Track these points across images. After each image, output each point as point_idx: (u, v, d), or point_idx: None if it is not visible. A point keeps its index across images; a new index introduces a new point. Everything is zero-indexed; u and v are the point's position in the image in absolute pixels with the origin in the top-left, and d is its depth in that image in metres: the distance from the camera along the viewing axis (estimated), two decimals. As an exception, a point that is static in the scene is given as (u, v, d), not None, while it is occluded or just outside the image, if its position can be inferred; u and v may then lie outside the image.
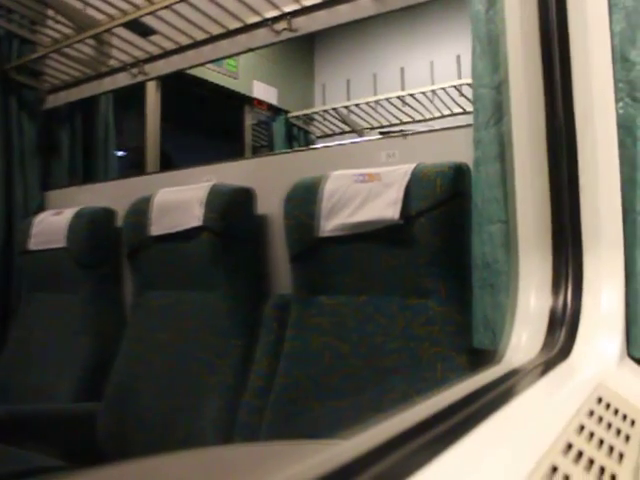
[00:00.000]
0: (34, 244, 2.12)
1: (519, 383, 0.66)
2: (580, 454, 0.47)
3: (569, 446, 0.47)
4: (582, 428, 0.52)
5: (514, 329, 0.90)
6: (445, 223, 1.26)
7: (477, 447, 0.44)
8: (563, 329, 0.86)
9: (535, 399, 0.60)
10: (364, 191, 1.37)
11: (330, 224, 1.40)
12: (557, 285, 0.91)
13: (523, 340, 0.88)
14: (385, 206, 1.32)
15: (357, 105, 3.41)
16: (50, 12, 2.19)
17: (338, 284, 1.42)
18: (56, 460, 1.57)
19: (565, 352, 0.81)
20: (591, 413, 0.57)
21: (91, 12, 2.02)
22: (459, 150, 1.31)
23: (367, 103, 3.37)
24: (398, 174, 1.33)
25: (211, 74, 3.17)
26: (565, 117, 0.92)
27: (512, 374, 0.72)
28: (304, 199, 1.45)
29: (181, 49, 2.12)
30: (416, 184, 1.30)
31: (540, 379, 0.69)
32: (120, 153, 2.93)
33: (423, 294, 1.29)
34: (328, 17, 1.77)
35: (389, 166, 1.38)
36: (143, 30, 2.10)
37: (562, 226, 0.92)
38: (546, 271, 0.92)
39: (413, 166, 1.33)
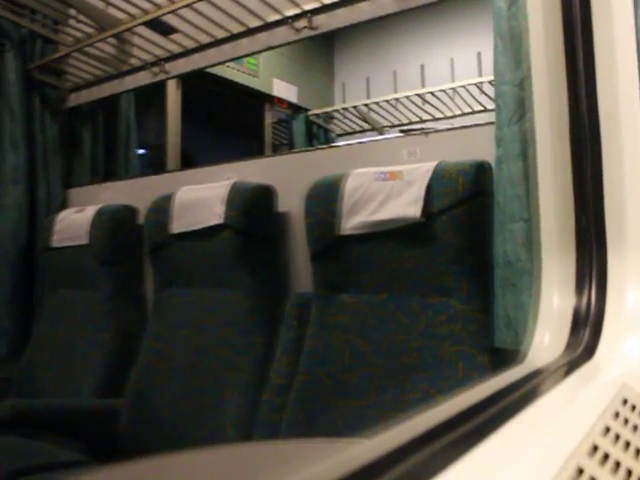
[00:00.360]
0: (57, 241, 2.15)
1: (543, 383, 0.66)
2: (606, 456, 0.46)
3: (595, 448, 0.46)
4: (608, 430, 0.51)
5: (537, 329, 0.89)
6: (467, 221, 1.26)
7: (501, 448, 0.43)
8: (587, 329, 0.85)
9: (559, 400, 0.59)
10: (385, 189, 1.36)
11: (351, 222, 1.40)
12: (581, 284, 0.90)
13: (546, 340, 0.87)
14: (407, 204, 1.31)
15: (377, 103, 3.40)
16: (72, 12, 2.21)
17: (359, 282, 1.41)
18: (78, 454, 1.59)
19: (589, 352, 0.80)
20: (616, 415, 0.56)
21: (113, 11, 2.04)
22: (481, 148, 1.30)
23: (387, 101, 3.36)
24: (420, 172, 1.33)
25: (231, 72, 3.17)
26: (589, 114, 0.91)
27: (535, 374, 0.71)
28: (325, 197, 1.44)
29: (202, 48, 2.12)
30: (438, 182, 1.29)
31: (564, 379, 0.68)
32: (141, 151, 2.95)
33: (444, 292, 1.29)
34: (349, 15, 1.77)
35: (410, 164, 1.37)
36: (164, 29, 2.11)
37: (586, 224, 0.90)
38: (569, 270, 0.91)
39: (435, 164, 1.33)
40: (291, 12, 1.85)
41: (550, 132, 0.94)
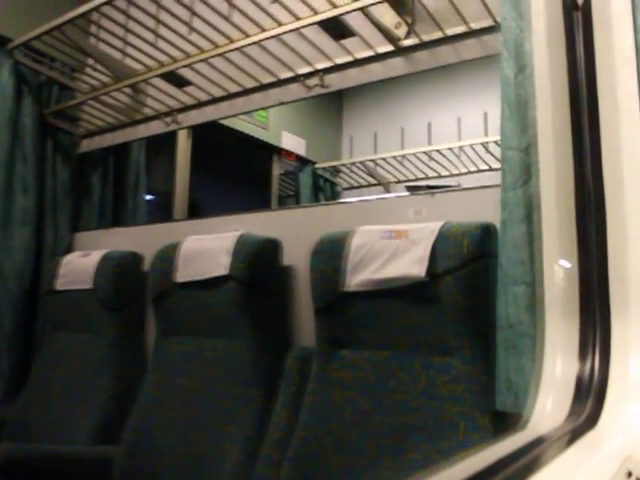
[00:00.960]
0: (61, 284, 2.15)
1: (545, 453, 0.65)
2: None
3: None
4: (612, 504, 0.51)
5: (539, 394, 0.89)
6: (471, 282, 1.26)
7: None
8: (590, 396, 0.85)
9: (564, 470, 0.59)
10: (391, 247, 1.37)
11: (356, 279, 1.40)
12: (584, 350, 0.90)
13: (549, 406, 0.86)
14: (412, 263, 1.32)
15: (384, 159, 3.44)
16: (90, 61, 2.26)
17: (361, 339, 1.41)
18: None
19: (592, 420, 0.80)
20: (621, 488, 0.56)
21: (129, 62, 2.09)
22: (486, 210, 1.31)
23: (394, 157, 3.40)
24: (425, 232, 1.34)
25: (242, 124, 3.23)
26: (594, 181, 0.92)
27: (538, 442, 0.71)
28: (331, 253, 1.45)
29: (214, 100, 2.17)
30: (443, 242, 1.30)
31: (567, 449, 0.68)
32: (149, 197, 2.98)
33: (447, 352, 1.28)
34: (359, 75, 1.81)
35: (416, 223, 1.39)
36: (178, 81, 2.15)
37: (590, 290, 0.91)
38: (573, 335, 0.91)
39: (440, 224, 1.34)
40: (304, 70, 1.90)
41: (555, 197, 0.96)
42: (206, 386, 1.65)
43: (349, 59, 1.81)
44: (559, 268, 0.94)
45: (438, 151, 3.21)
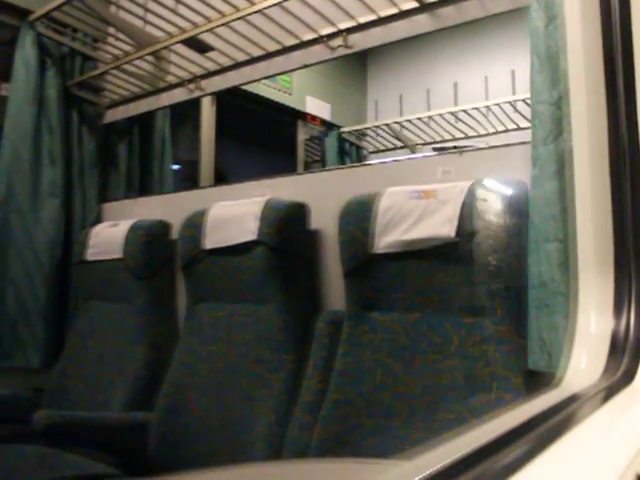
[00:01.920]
0: (91, 254, 2.17)
1: (581, 409, 0.64)
2: (650, 487, 0.45)
3: (639, 478, 0.45)
4: (651, 459, 0.50)
5: (573, 352, 0.87)
6: (501, 241, 1.24)
7: (544, 475, 0.42)
8: (626, 352, 0.83)
9: (599, 427, 0.57)
10: (420, 208, 1.35)
11: (385, 241, 1.39)
12: (619, 306, 0.88)
13: (583, 364, 0.85)
14: (441, 223, 1.30)
15: (410, 121, 3.39)
16: (111, 30, 2.25)
17: (391, 301, 1.40)
18: (108, 467, 1.59)
19: (629, 377, 0.78)
20: (660, 444, 0.55)
21: (150, 29, 2.07)
22: (516, 167, 1.29)
23: (420, 119, 3.35)
24: (454, 191, 1.32)
25: (265, 90, 3.20)
26: (629, 133, 0.89)
27: (573, 399, 0.70)
28: (359, 215, 1.44)
29: (237, 65, 2.15)
30: (472, 202, 1.28)
31: (603, 405, 0.67)
32: (175, 167, 2.99)
33: (478, 312, 1.27)
34: (383, 33, 1.77)
35: (445, 183, 1.37)
36: (200, 47, 2.13)
37: (625, 245, 0.89)
38: (607, 291, 0.90)
39: (469, 183, 1.32)
40: (326, 31, 1.86)
41: (589, 151, 0.93)
42: (237, 351, 1.66)
43: (373, 18, 1.77)
44: (592, 223, 0.91)
45: (465, 111, 3.16)
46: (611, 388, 0.75)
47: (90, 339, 2.12)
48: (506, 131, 3.15)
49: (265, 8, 1.77)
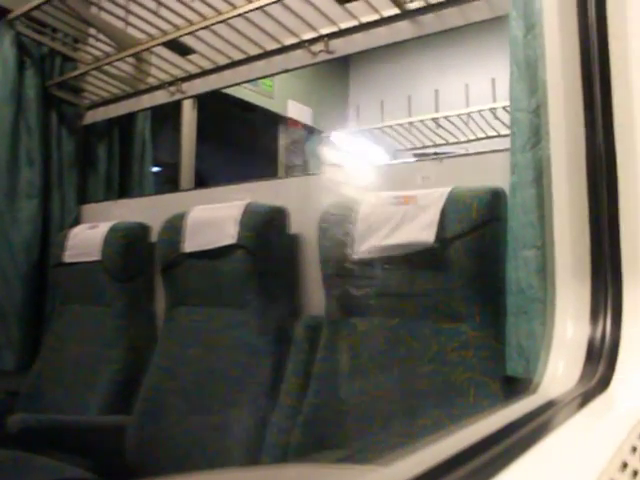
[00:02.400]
0: (69, 257, 2.15)
1: (557, 415, 0.65)
2: (624, 493, 0.46)
3: (613, 484, 0.46)
4: (625, 466, 0.50)
5: (550, 358, 0.88)
6: (480, 247, 1.25)
7: (518, 482, 0.42)
8: (602, 359, 0.84)
9: (574, 433, 0.58)
10: (399, 213, 1.36)
11: (364, 246, 1.39)
12: (596, 313, 0.89)
13: (560, 370, 0.86)
14: (420, 229, 1.31)
15: (391, 126, 3.40)
16: (92, 31, 2.24)
17: (371, 306, 1.41)
18: (84, 472, 1.58)
19: (604, 383, 0.79)
20: (634, 449, 0.55)
21: (132, 31, 2.07)
22: (495, 174, 1.30)
23: (401, 124, 3.37)
24: (434, 197, 1.33)
25: (247, 93, 3.20)
26: (605, 142, 0.90)
27: (549, 405, 0.70)
28: (339, 220, 1.44)
29: (218, 68, 2.14)
30: (452, 208, 1.29)
31: (579, 411, 0.67)
32: (155, 169, 2.97)
33: (457, 318, 1.28)
34: (365, 40, 1.78)
35: (424, 189, 1.37)
36: (182, 49, 2.13)
37: (601, 252, 0.90)
38: (584, 299, 0.90)
39: (449, 189, 1.32)
40: (308, 36, 1.87)
41: (566, 159, 0.94)
42: (216, 355, 1.65)
43: (354, 23, 1.78)
44: (570, 231, 0.92)
45: (446, 118, 3.18)
46: (587, 394, 0.76)
47: (67, 342, 2.10)
48: (486, 138, 3.18)
49: (247, 12, 1.77)
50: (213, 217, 1.72)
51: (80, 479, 1.53)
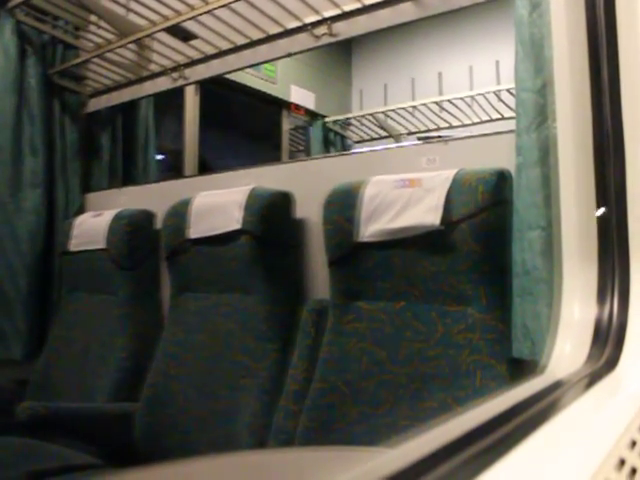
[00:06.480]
0: (74, 245, 2.16)
1: (564, 396, 0.65)
2: (634, 471, 0.45)
3: (622, 462, 0.45)
4: (634, 444, 0.50)
5: (557, 339, 0.88)
6: (486, 229, 1.24)
7: (524, 463, 0.42)
8: (609, 340, 0.84)
9: (583, 413, 0.58)
10: (405, 196, 1.35)
11: (370, 229, 1.39)
12: (603, 294, 0.88)
13: (567, 351, 0.85)
14: (426, 212, 1.30)
15: (394, 110, 3.39)
16: (93, 18, 2.22)
17: (376, 290, 1.40)
18: (93, 458, 1.59)
19: (611, 364, 0.79)
20: (642, 428, 0.55)
21: (133, 18, 2.05)
22: (501, 156, 1.29)
23: (404, 108, 3.35)
24: (439, 180, 1.32)
25: (250, 79, 3.18)
26: (612, 120, 0.89)
27: (557, 386, 0.70)
28: (343, 204, 1.44)
29: (221, 54, 2.13)
30: (457, 190, 1.28)
31: (586, 392, 0.67)
32: (159, 156, 2.96)
33: (463, 301, 1.28)
34: (368, 22, 1.76)
35: (430, 172, 1.37)
36: (184, 35, 2.12)
37: (608, 233, 0.89)
38: (591, 279, 0.90)
39: (454, 172, 1.32)
40: (311, 19, 1.85)
41: (572, 139, 0.93)
42: (222, 341, 1.66)
43: (357, 6, 1.76)
44: (576, 211, 0.92)
45: (449, 101, 3.16)
46: (594, 375, 0.76)
47: (74, 330, 2.11)
48: (490, 120, 3.16)
49: (249, -5, 1.75)
50: (218, 203, 1.71)
51: (89, 465, 1.54)
